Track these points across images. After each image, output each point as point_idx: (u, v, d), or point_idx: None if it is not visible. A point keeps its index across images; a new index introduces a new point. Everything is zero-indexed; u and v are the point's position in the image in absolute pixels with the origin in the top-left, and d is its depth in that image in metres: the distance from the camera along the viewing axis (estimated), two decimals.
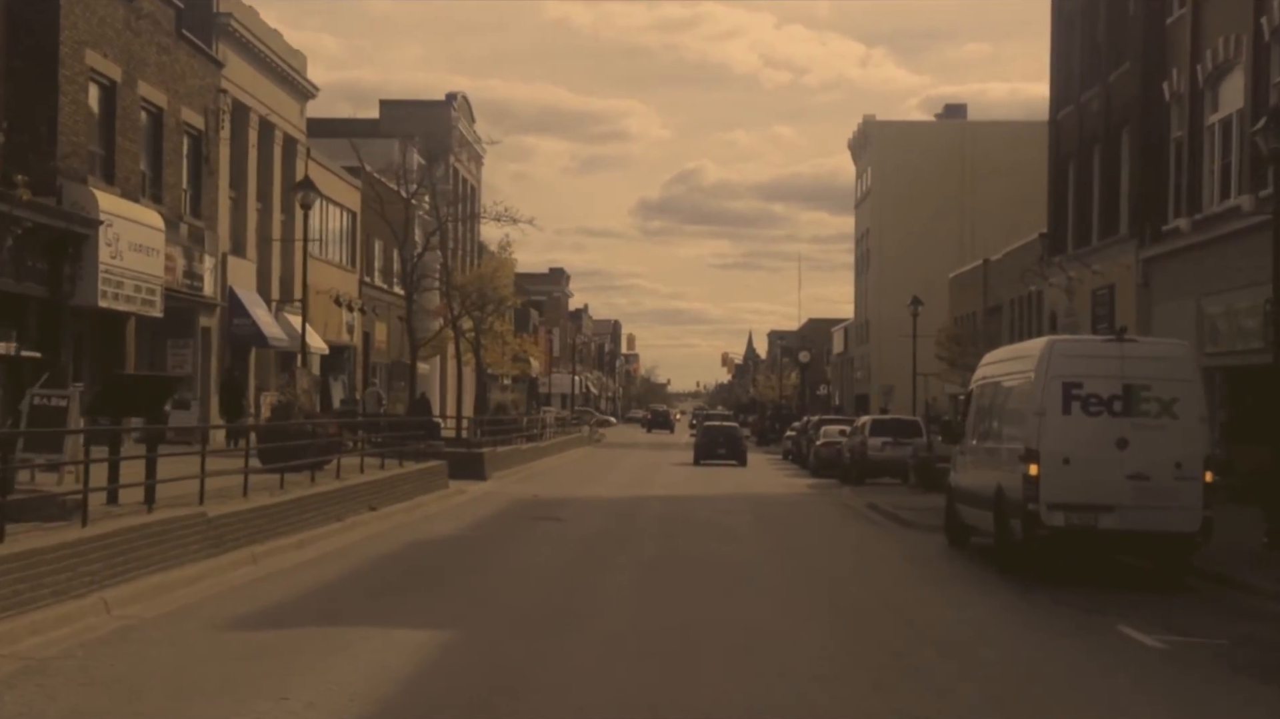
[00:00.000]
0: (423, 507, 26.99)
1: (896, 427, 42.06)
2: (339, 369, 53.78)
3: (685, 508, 30.34)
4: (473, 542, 21.14)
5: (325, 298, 48.23)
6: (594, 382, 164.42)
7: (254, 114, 41.33)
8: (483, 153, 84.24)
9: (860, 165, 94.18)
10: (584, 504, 30.94)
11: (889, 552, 22.37)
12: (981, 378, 22.03)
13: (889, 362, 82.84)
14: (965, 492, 21.85)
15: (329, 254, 51.13)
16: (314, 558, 18.01)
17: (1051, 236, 45.44)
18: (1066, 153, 44.53)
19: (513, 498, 31.84)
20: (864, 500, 33.74)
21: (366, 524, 22.49)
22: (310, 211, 48.74)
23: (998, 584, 17.94)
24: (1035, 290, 45.05)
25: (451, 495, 30.69)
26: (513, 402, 58.33)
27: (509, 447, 45.54)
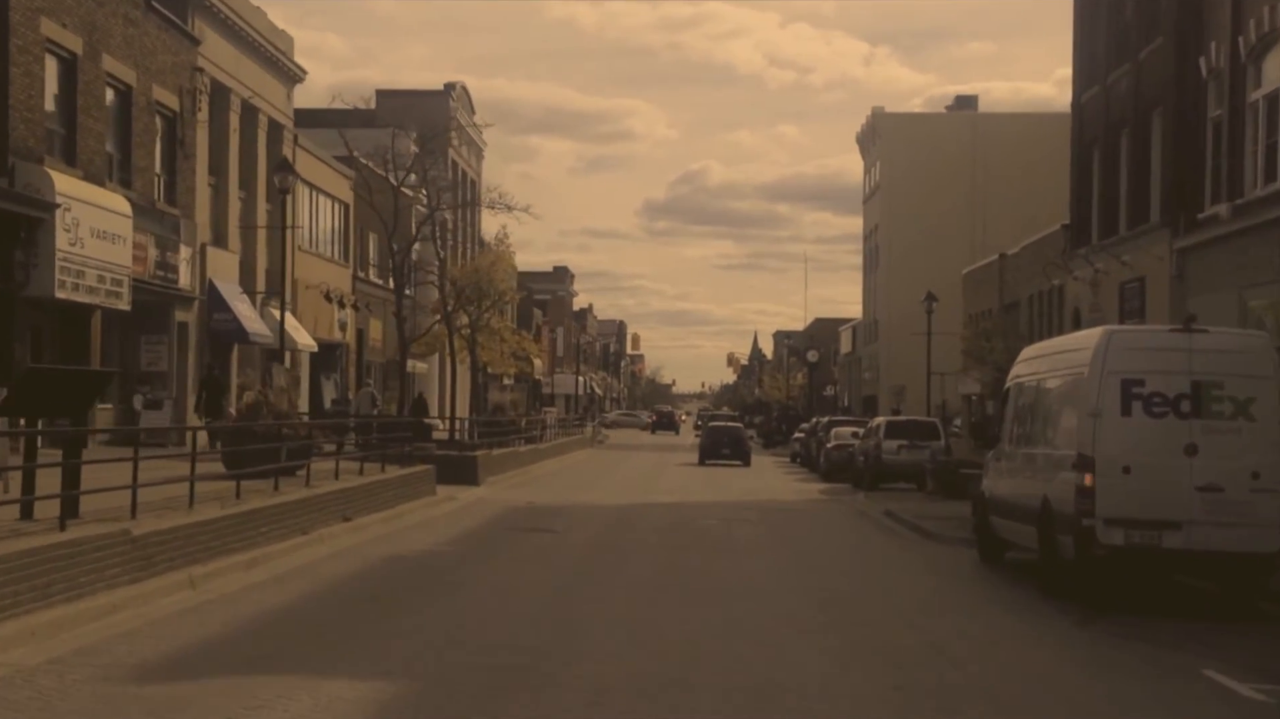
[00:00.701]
0: (404, 516, 24.76)
1: (913, 429, 39.79)
2: (330, 368, 51.55)
3: (690, 517, 28.11)
4: (452, 559, 18.91)
5: (315, 293, 46.03)
6: (599, 382, 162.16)
7: (235, 96, 39.13)
8: (483, 145, 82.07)
9: (868, 160, 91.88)
10: (581, 512, 28.71)
11: (916, 570, 20.12)
12: (1021, 375, 19.76)
13: (899, 361, 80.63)
14: (1002, 502, 19.61)
15: (320, 247, 48.95)
16: (265, 579, 15.78)
17: (1074, 228, 43.13)
18: (1091, 138, 42.23)
19: (505, 506, 29.62)
20: (880, 508, 31.50)
21: (336, 537, 20.26)
22: (299, 202, 46.82)
23: (1047, 611, 15.68)
24: (1057, 285, 42.76)
25: (439, 503, 28.47)
26: (512, 402, 55.96)
27: (505, 449, 43.31)
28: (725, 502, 33.52)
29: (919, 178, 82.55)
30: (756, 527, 26.24)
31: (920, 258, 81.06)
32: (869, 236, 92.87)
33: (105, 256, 28.18)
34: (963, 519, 26.79)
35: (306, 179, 46.46)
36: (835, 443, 45.81)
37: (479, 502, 30.62)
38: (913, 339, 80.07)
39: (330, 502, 21.49)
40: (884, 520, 28.78)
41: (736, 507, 31.84)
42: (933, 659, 12.41)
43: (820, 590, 16.94)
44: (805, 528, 26.67)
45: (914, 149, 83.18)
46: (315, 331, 46.39)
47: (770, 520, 28.08)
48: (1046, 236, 47.53)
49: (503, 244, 47.17)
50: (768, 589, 16.58)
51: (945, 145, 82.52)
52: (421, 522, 24.39)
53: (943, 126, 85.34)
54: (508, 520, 25.69)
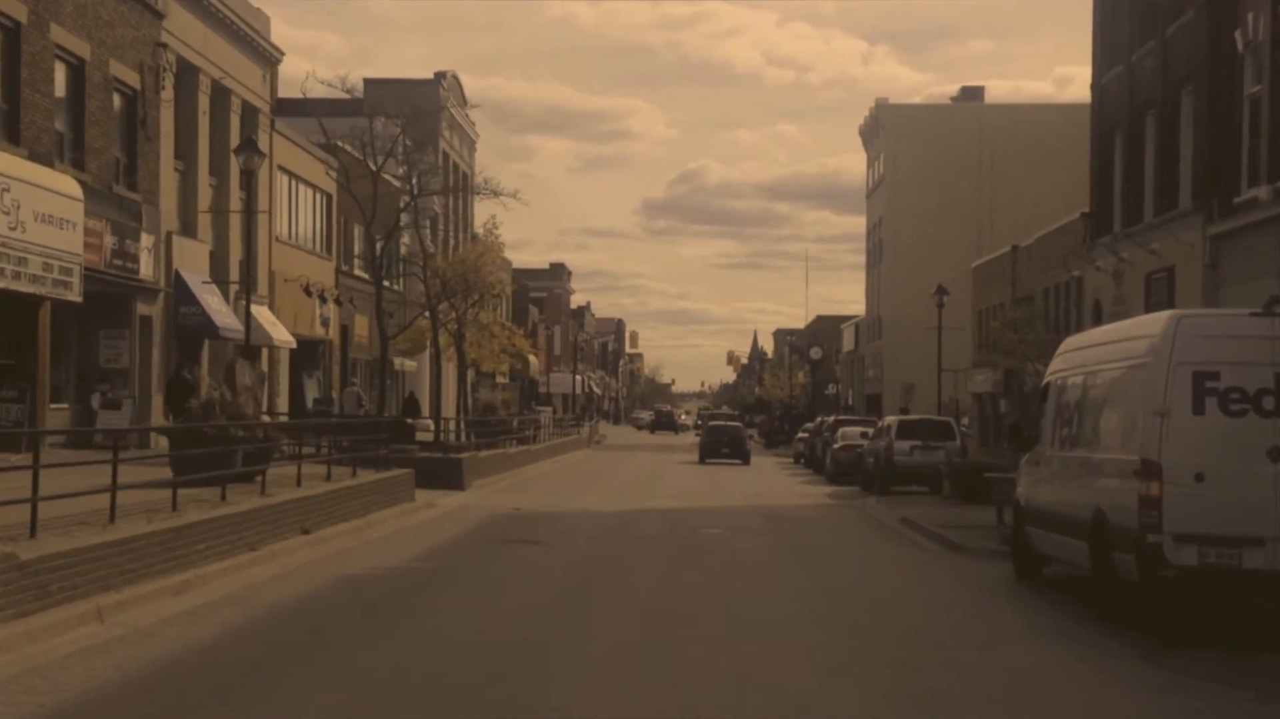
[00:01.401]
0: (374, 527, 22.44)
1: (926, 429, 37.48)
2: (313, 366, 49.25)
3: (690, 525, 25.82)
4: (417, 580, 16.60)
5: (294, 286, 43.72)
6: (597, 381, 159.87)
7: (205, 76, 36.81)
8: (475, 137, 79.76)
9: (872, 153, 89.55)
10: (572, 520, 26.42)
11: (947, 589, 17.81)
12: (1064, 368, 17.45)
13: (904, 358, 78.38)
14: (1042, 513, 17.31)
15: (300, 239, 46.61)
16: (193, 608, 13.48)
17: (1095, 216, 40.85)
18: (1113, 121, 39.96)
19: (490, 512, 27.33)
20: (895, 514, 29.20)
21: (291, 553, 17.96)
22: (277, 192, 44.48)
23: (1107, 643, 13.38)
24: (1076, 276, 40.47)
25: (416, 511, 26.16)
26: (504, 401, 53.68)
27: (495, 451, 41.01)
28: (728, 507, 31.24)
29: (924, 171, 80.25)
30: (763, 537, 23.94)
31: (925, 253, 78.82)
32: (872, 231, 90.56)
33: (51, 242, 25.89)
34: (988, 528, 24.54)
35: (286, 167, 44.19)
36: (842, 443, 43.51)
37: (462, 508, 28.32)
38: (917, 336, 77.86)
39: (288, 512, 19.20)
40: (901, 529, 26.48)
41: (740, 513, 29.56)
42: (985, 708, 10.13)
43: (842, 619, 14.62)
44: (816, 538, 24.36)
45: (918, 142, 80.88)
46: (295, 327, 44.09)
47: (777, 529, 25.78)
48: (1064, 226, 45.29)
49: (492, 234, 44.81)
50: (780, 619, 14.22)
51: (950, 138, 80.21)
52: (393, 533, 22.08)
53: (948, 119, 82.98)
54: (489, 530, 23.40)
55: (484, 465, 37.20)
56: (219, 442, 19.75)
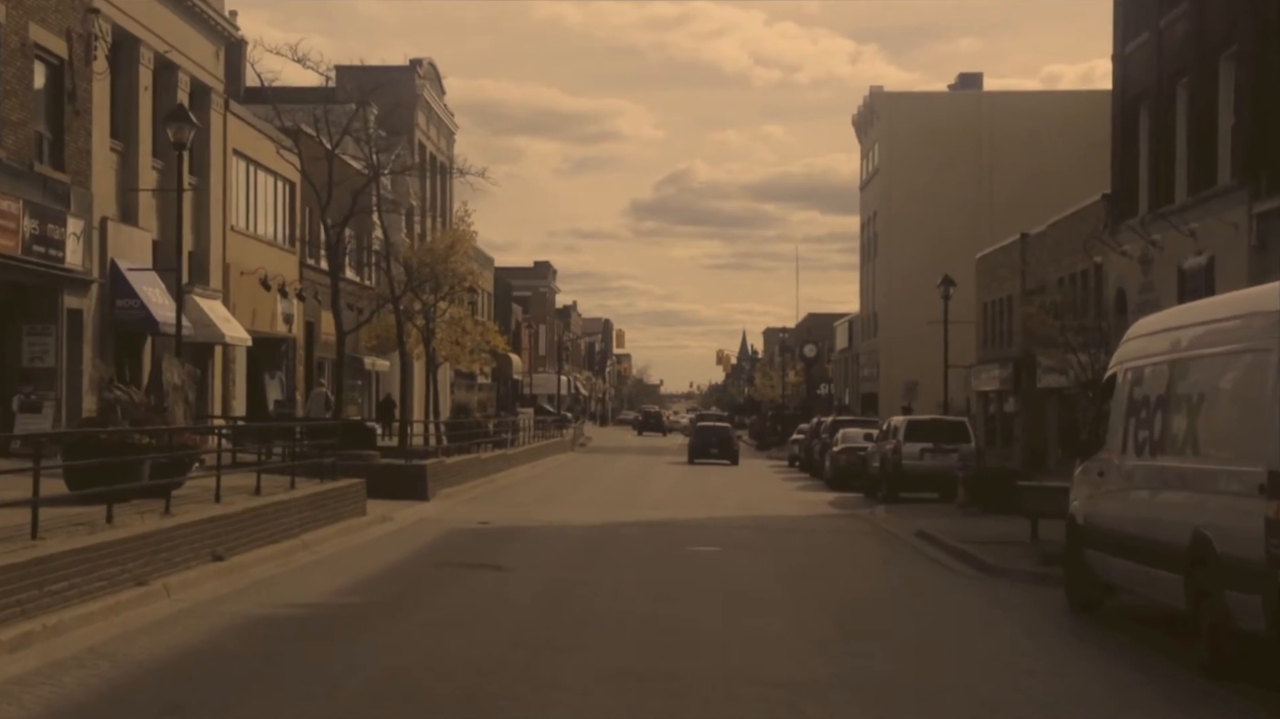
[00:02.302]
0: (309, 549, 19.18)
1: (938, 430, 34.32)
2: (275, 365, 45.89)
3: (678, 541, 22.63)
4: (339, 622, 13.34)
5: (251, 280, 40.38)
6: (583, 382, 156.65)
7: (147, 49, 33.45)
8: (454, 129, 76.49)
9: (866, 144, 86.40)
10: (543, 536, 23.21)
11: (992, 626, 14.62)
12: (1138, 356, 14.25)
13: (901, 356, 75.25)
14: (1110, 534, 14.15)
15: (259, 229, 43.22)
16: (28, 671, 10.23)
17: (1118, 198, 37.69)
18: (1137, 94, 36.80)
19: (451, 528, 24.10)
20: (907, 525, 26.04)
21: (191, 587, 14.71)
22: (233, 178, 41.09)
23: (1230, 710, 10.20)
24: (1097, 263, 37.30)
25: (365, 527, 22.90)
26: (480, 402, 50.45)
27: (466, 456, 37.78)
28: (720, 519, 28.05)
29: (920, 161, 77.12)
30: (763, 558, 20.73)
31: (922, 246, 75.66)
32: (866, 225, 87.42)
33: None
34: (1020, 544, 21.41)
35: (244, 152, 40.82)
36: (843, 446, 40.33)
37: (421, 522, 25.08)
38: (916, 332, 74.74)
39: (196, 535, 15.95)
40: (919, 545, 23.29)
41: (734, 526, 26.37)
42: None
43: (875, 677, 11.39)
44: (824, 558, 21.13)
45: (914, 131, 77.74)
46: (253, 324, 40.79)
47: (778, 546, 22.58)
48: (1081, 211, 42.10)
49: (463, 223, 41.52)
50: (800, 683, 10.91)
51: (948, 127, 77.09)
52: (329, 556, 18.80)
53: (945, 106, 79.84)
54: (445, 551, 20.16)
55: (452, 472, 33.97)
56: (118, 450, 16.52)
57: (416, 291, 38.02)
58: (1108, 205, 38.16)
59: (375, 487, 28.25)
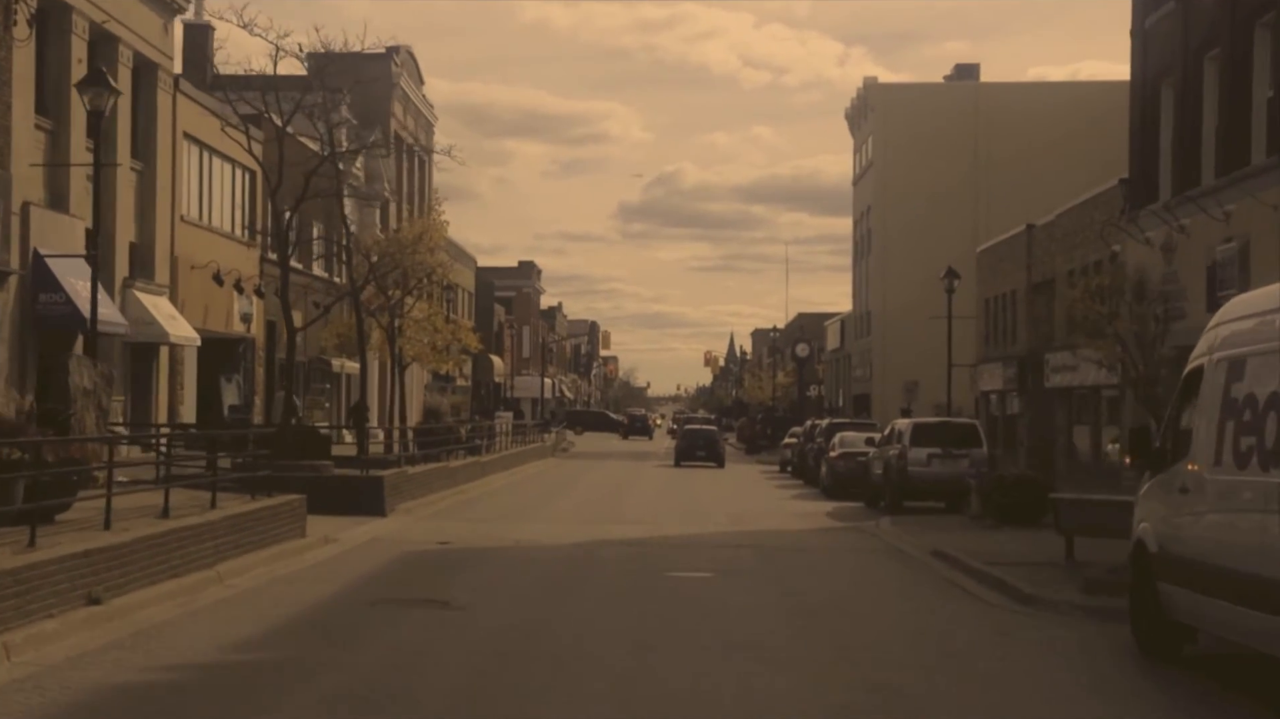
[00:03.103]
0: (223, 582, 16.16)
1: (947, 434, 31.41)
2: (231, 368, 42.81)
3: (663, 565, 19.68)
4: (210, 700, 10.29)
5: (203, 275, 37.34)
6: (569, 385, 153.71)
7: (80, 17, 30.41)
8: (433, 120, 73.47)
9: (859, 136, 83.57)
10: (508, 560, 20.26)
11: (1054, 680, 11.68)
12: (1235, 344, 11.34)
13: (896, 356, 72.56)
14: (1198, 566, 11.26)
15: (214, 221, 40.17)
16: None
17: (1137, 182, 34.84)
18: (1160, 70, 33.95)
19: (404, 550, 21.14)
20: (921, 543, 23.15)
21: (48, 640, 11.73)
22: (183, 164, 38.03)
23: None
24: (1116, 251, 34.41)
25: (301, 551, 19.91)
26: (453, 405, 47.49)
27: (433, 464, 34.78)
28: (710, 535, 25.12)
29: (916, 154, 74.33)
30: (763, 586, 17.77)
31: (918, 241, 73.00)
32: (859, 221, 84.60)
33: None
34: (1054, 566, 18.58)
35: (196, 136, 37.70)
36: (842, 451, 37.40)
37: (371, 543, 22.11)
38: (911, 331, 71.98)
39: (68, 572, 12.97)
40: (939, 567, 20.37)
41: (727, 544, 23.44)
42: None
43: None
44: (834, 586, 18.16)
45: (910, 123, 74.95)
46: (205, 323, 37.81)
47: (778, 570, 19.64)
48: (1094, 198, 39.26)
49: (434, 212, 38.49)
50: None
51: (944, 119, 74.34)
52: (244, 592, 15.78)
53: (941, 98, 77.03)
54: (389, 582, 17.20)
55: (416, 483, 31.00)
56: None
57: (381, 285, 34.95)
58: (1125, 190, 35.31)
59: (325, 502, 25.34)
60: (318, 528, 22.07)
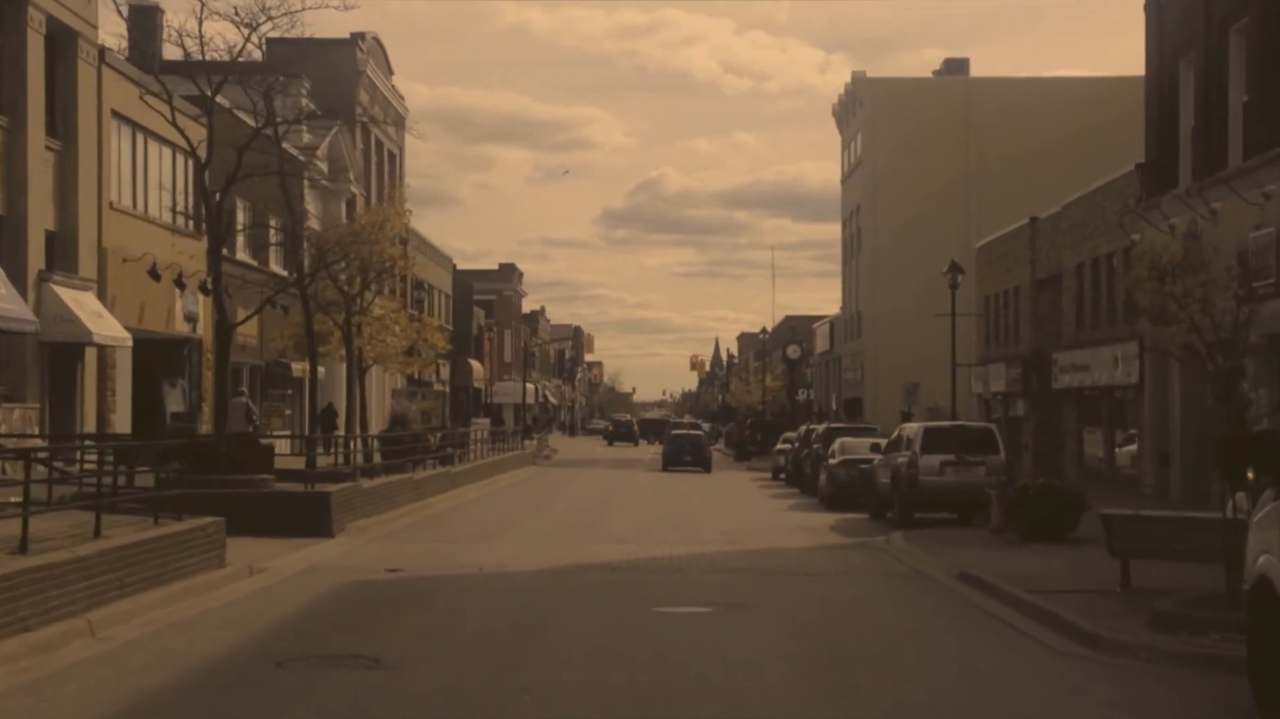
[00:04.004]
0: (94, 635, 12.92)
1: (961, 439, 28.35)
2: (176, 372, 39.59)
3: (649, 598, 16.63)
4: None
5: (137, 268, 34.11)
6: (553, 390, 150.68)
7: None
8: (404, 114, 70.32)
9: (847, 133, 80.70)
10: (467, 594, 17.19)
11: None
12: None
13: (888, 357, 69.72)
14: None
15: (150, 209, 36.85)
16: None
17: (1154, 167, 32.01)
18: (1178, 45, 31.19)
19: (344, 581, 18.06)
20: (943, 563, 20.16)
21: None
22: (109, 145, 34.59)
23: None
24: (1135, 240, 31.52)
25: (214, 586, 16.77)
26: (424, 411, 44.43)
27: (396, 476, 31.70)
28: (704, 556, 22.06)
29: (906, 150, 71.61)
30: (769, 624, 14.70)
31: (910, 238, 70.33)
32: (848, 220, 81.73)
33: None
34: (1108, 593, 15.72)
35: (127, 116, 34.43)
36: (843, 458, 34.36)
37: (307, 573, 19.02)
38: (904, 332, 69.15)
39: None
40: (972, 595, 17.33)
41: (722, 567, 20.40)
42: None
43: None
44: (855, 623, 15.05)
45: (900, 118, 72.19)
46: (141, 322, 34.64)
47: (785, 602, 16.57)
48: (1105, 187, 36.41)
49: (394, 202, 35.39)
50: None
51: (935, 114, 71.65)
52: (120, 647, 12.55)
53: (931, 93, 74.25)
54: (312, 629, 14.10)
55: (374, 498, 27.90)
56: None
57: (334, 278, 31.81)
58: (1142, 176, 32.43)
59: (262, 522, 22.34)
60: (246, 554, 18.99)
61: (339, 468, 29.27)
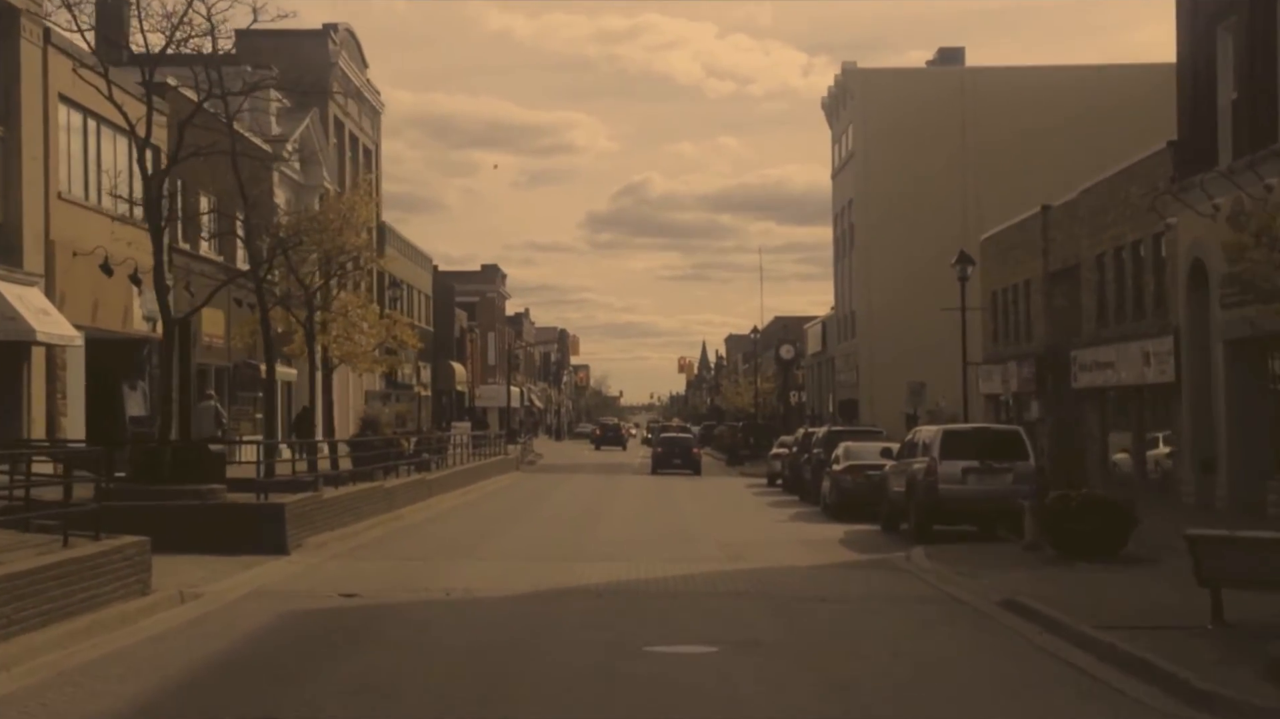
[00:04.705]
0: None
1: (985, 443, 25.71)
2: (135, 374, 36.84)
3: (643, 633, 14.05)
4: None
5: (88, 263, 31.45)
6: (538, 394, 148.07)
7: None
8: (380, 108, 67.73)
9: (838, 127, 78.22)
10: (426, 628, 14.58)
11: None
12: None
13: (886, 357, 67.18)
14: None
15: (107, 202, 34.17)
16: None
17: (1187, 145, 29.49)
18: (1216, 10, 28.71)
19: (287, 610, 15.46)
20: (979, 587, 17.62)
21: None
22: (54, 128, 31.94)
23: None
24: (1170, 224, 28.99)
25: (132, 618, 14.12)
26: (399, 415, 41.79)
27: (364, 485, 29.06)
28: (702, 576, 19.45)
29: (900, 141, 69.14)
30: (788, 670, 12.10)
31: (904, 234, 68.02)
32: (840, 216, 79.25)
33: None
34: (1193, 628, 13.21)
35: (75, 100, 31.75)
36: (849, 464, 31.75)
37: (249, 598, 16.40)
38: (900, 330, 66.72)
39: None
40: (1024, 628, 14.74)
41: (725, 591, 17.80)
42: None
43: None
44: (895, 672, 12.34)
45: (892, 109, 69.77)
46: (95, 320, 31.99)
47: (804, 637, 13.98)
48: (1129, 170, 33.78)
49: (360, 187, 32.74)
50: None
51: (929, 104, 69.22)
52: None
53: (925, 84, 71.78)
54: (232, 678, 11.47)
55: (337, 509, 25.27)
56: None
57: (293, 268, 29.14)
58: (1175, 155, 29.89)
59: (209, 538, 19.88)
60: (183, 577, 16.42)
61: (298, 477, 26.56)
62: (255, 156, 34.10)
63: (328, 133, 56.31)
